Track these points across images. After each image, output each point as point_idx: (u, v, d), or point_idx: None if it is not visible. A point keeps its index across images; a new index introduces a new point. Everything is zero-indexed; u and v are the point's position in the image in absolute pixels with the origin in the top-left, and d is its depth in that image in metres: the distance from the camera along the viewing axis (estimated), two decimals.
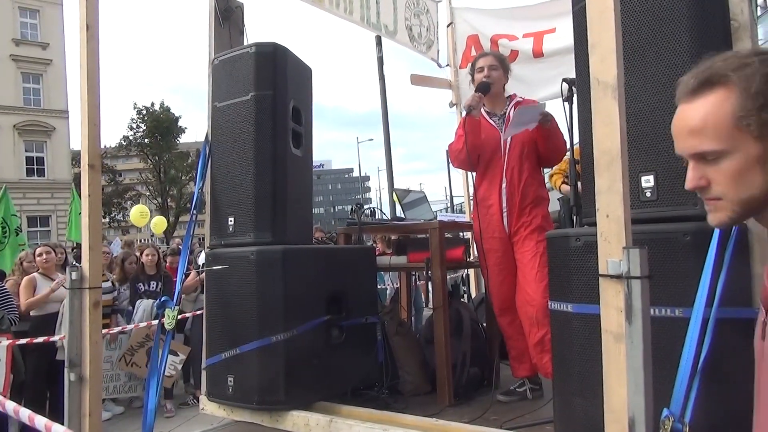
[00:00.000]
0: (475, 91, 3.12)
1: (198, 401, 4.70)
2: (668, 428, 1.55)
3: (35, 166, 26.10)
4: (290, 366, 2.74)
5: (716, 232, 1.76)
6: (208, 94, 3.22)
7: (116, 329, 5.42)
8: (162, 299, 2.84)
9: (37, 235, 23.25)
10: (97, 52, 2.53)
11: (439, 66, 5.56)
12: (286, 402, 2.74)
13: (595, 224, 1.77)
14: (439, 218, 3.91)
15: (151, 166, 38.53)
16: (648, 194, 2.00)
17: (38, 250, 5.26)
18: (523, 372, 3.19)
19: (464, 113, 3.07)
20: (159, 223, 17.04)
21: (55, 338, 4.49)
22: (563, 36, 4.32)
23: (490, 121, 3.18)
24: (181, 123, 38.57)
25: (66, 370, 2.38)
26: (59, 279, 4.93)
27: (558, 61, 4.47)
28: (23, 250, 7.27)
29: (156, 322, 4.57)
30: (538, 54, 4.67)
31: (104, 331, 4.89)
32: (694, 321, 1.66)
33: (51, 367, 4.72)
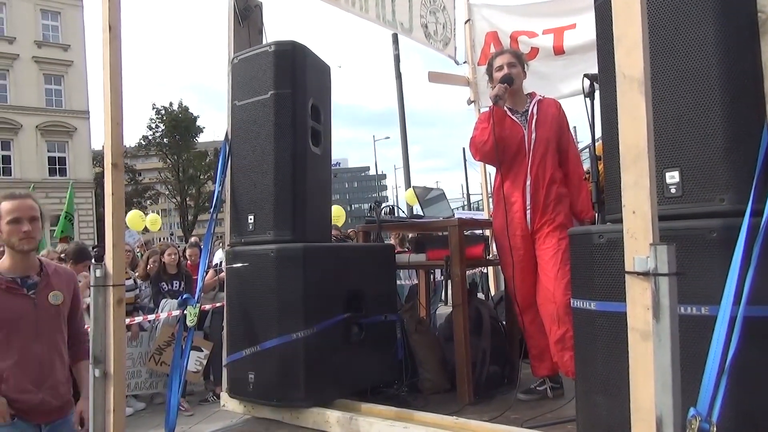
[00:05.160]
0: (500, 83, 3.10)
1: (217, 398, 4.74)
2: (695, 428, 1.52)
3: (57, 166, 26.55)
4: (310, 363, 2.75)
5: (744, 228, 1.73)
6: (227, 93, 3.24)
7: (138, 319, 5.50)
8: (183, 297, 2.86)
9: None
10: (119, 52, 2.55)
11: (457, 63, 5.53)
12: (306, 399, 2.75)
13: (617, 221, 1.74)
14: (457, 216, 3.89)
15: (170, 166, 38.94)
16: (673, 190, 1.96)
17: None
18: (543, 371, 3.16)
19: (482, 110, 3.05)
20: (150, 220, 15.24)
21: None
22: (584, 32, 4.28)
23: (513, 118, 3.15)
24: (198, 123, 38.96)
25: (90, 367, 2.41)
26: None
27: (579, 58, 4.42)
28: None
29: (176, 312, 4.63)
30: (559, 51, 4.63)
31: (128, 321, 4.96)
32: (721, 319, 1.63)
33: None
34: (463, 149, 15.98)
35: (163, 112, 37.81)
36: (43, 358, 2.26)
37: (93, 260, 5.51)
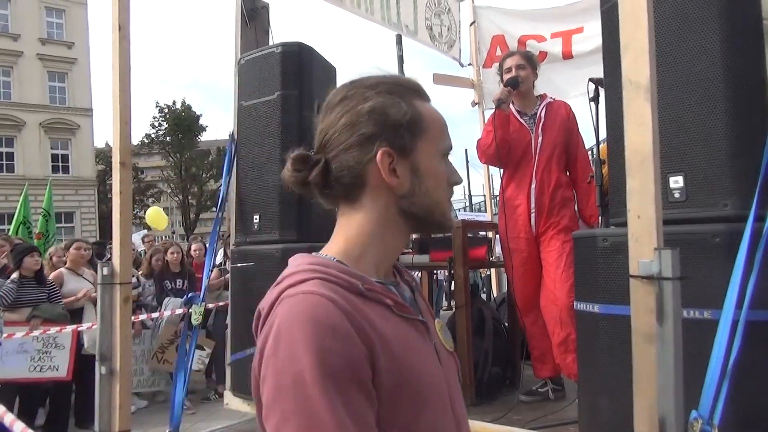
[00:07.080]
0: (504, 86, 3.10)
1: (220, 397, 4.76)
2: (697, 430, 1.54)
3: (60, 164, 26.57)
4: None
5: (747, 233, 1.75)
6: (234, 93, 3.26)
7: (141, 317, 5.53)
8: (189, 296, 2.89)
9: (62, 231, 23.67)
10: (128, 52, 2.57)
11: (461, 65, 5.54)
12: None
13: (622, 224, 1.76)
14: (460, 217, 3.90)
15: (173, 164, 38.97)
16: (677, 195, 1.97)
17: (77, 244, 5.46)
18: (545, 372, 3.17)
19: (486, 112, 3.07)
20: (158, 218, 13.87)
21: (83, 326, 4.62)
22: (592, 36, 4.28)
23: (521, 120, 3.16)
24: (201, 121, 38.99)
25: (97, 364, 2.43)
26: (86, 289, 5.03)
27: (586, 61, 4.42)
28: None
29: (179, 311, 4.66)
30: (567, 56, 4.63)
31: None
32: (724, 323, 1.65)
33: (78, 362, 4.83)
34: (465, 151, 15.91)
35: (166, 110, 37.83)
36: None
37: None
